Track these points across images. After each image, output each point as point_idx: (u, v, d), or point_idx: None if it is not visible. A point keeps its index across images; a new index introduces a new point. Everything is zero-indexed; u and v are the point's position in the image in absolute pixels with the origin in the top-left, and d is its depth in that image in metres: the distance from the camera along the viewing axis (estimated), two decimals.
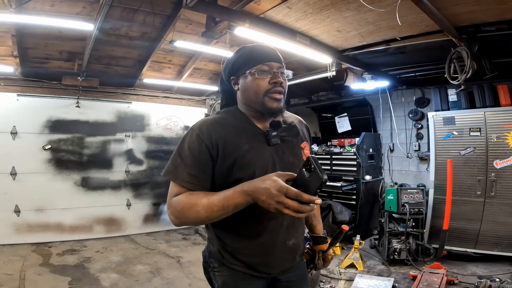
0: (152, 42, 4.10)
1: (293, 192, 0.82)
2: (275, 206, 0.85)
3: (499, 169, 3.46)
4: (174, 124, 5.59)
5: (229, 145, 1.05)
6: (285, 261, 1.17)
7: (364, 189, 4.44)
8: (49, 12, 3.15)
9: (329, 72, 3.86)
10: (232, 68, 1.14)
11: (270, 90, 1.07)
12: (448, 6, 2.52)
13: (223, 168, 1.04)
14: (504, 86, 3.57)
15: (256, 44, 1.16)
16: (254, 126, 1.13)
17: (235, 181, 1.01)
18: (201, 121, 1.11)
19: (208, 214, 0.95)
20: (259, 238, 1.09)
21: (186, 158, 1.03)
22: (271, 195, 0.84)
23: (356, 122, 5.32)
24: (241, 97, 1.14)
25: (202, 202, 0.96)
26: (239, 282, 1.13)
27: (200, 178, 1.03)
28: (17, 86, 4.34)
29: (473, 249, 3.57)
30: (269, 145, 1.10)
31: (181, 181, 1.02)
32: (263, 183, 0.87)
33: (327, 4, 2.70)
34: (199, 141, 1.03)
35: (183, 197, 1.01)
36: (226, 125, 1.09)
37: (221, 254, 1.14)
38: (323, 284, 3.20)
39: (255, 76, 1.07)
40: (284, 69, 1.12)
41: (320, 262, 1.31)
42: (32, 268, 3.51)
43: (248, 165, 1.05)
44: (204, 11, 2.73)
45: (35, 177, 4.41)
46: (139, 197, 5.21)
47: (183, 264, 3.79)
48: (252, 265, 1.12)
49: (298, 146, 1.19)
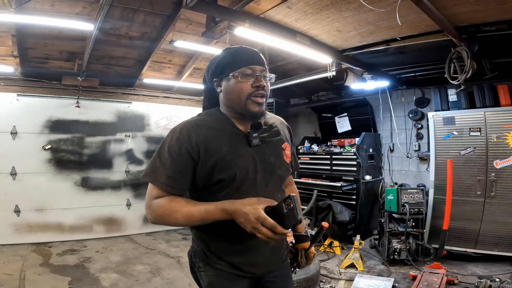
0: (152, 42, 4.10)
1: (269, 223, 0.90)
2: (251, 230, 0.92)
3: (499, 169, 3.46)
4: (174, 124, 5.37)
5: (210, 147, 1.06)
6: (269, 261, 1.19)
7: (364, 189, 4.44)
8: (49, 12, 3.15)
9: (329, 72, 3.86)
10: (215, 69, 1.14)
11: (253, 93, 1.08)
12: (448, 6, 2.52)
13: (205, 169, 1.05)
14: (504, 86, 3.57)
15: (240, 46, 1.15)
16: (235, 127, 1.14)
17: (217, 182, 1.05)
18: (182, 123, 1.11)
19: (187, 222, 1.02)
20: (242, 238, 1.09)
21: (165, 160, 1.05)
22: (249, 221, 0.91)
23: (356, 122, 5.32)
24: (224, 99, 1.14)
25: (183, 211, 1.00)
26: (225, 282, 1.14)
27: (178, 181, 1.05)
28: (17, 86, 4.34)
29: (473, 249, 3.57)
30: (250, 146, 1.12)
31: (159, 183, 1.04)
32: (244, 208, 0.92)
33: (327, 4, 2.70)
34: (179, 144, 1.05)
35: (163, 202, 1.03)
36: (207, 127, 1.10)
37: (206, 254, 1.15)
38: (323, 284, 3.20)
39: (238, 79, 1.08)
40: (267, 72, 1.13)
41: (303, 260, 1.33)
42: (32, 268, 3.51)
43: (229, 166, 1.06)
44: (204, 11, 2.73)
45: (35, 177, 4.41)
46: (139, 197, 5.20)
47: (183, 264, 3.79)
48: (236, 265, 1.13)
49: (279, 147, 1.20)
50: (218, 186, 1.07)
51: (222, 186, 1.07)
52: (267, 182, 1.14)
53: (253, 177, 1.10)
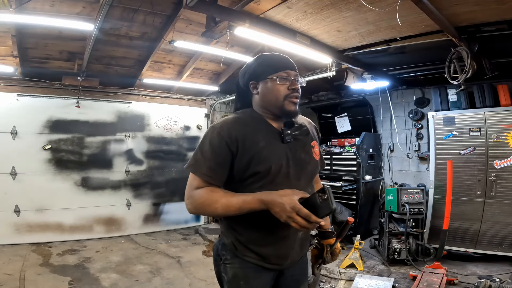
0: (152, 42, 4.10)
1: (304, 212, 0.96)
2: (285, 219, 0.98)
3: (499, 169, 3.46)
4: (174, 124, 5.59)
5: (247, 141, 1.15)
6: (294, 252, 1.25)
7: (364, 189, 4.44)
8: (49, 12, 3.15)
9: (329, 72, 3.86)
10: (253, 73, 1.24)
11: (289, 95, 1.20)
12: (448, 6, 2.52)
13: (242, 162, 1.14)
14: (504, 86, 3.57)
15: (274, 53, 1.28)
16: (270, 125, 1.24)
17: (253, 174, 1.14)
18: (222, 120, 1.21)
19: (225, 212, 1.09)
20: (273, 229, 1.16)
21: (206, 153, 1.14)
22: (284, 210, 0.98)
23: (356, 122, 5.32)
24: (260, 100, 1.24)
25: (222, 201, 1.08)
26: (250, 274, 1.20)
27: (218, 172, 1.14)
28: (17, 86, 4.34)
29: (473, 249, 3.57)
30: (283, 142, 1.21)
31: (201, 173, 1.13)
32: (280, 198, 0.99)
33: (327, 4, 2.70)
34: (219, 138, 1.13)
35: (204, 192, 1.12)
36: (245, 124, 1.20)
37: (235, 245, 1.21)
38: (323, 284, 3.20)
39: (276, 82, 1.19)
40: (299, 77, 1.25)
41: (329, 256, 1.38)
42: (32, 268, 3.51)
43: (265, 159, 1.15)
44: (204, 11, 2.73)
45: (35, 177, 4.41)
46: (139, 197, 5.21)
47: (183, 264, 3.79)
48: (264, 256, 1.20)
49: (308, 145, 1.30)
50: (253, 178, 1.14)
51: (257, 178, 1.14)
52: (299, 177, 1.22)
53: (286, 171, 1.18)
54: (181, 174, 5.49)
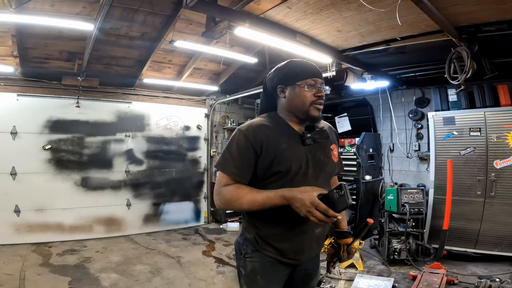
0: (152, 42, 4.10)
1: (322, 207, 1.04)
2: (305, 213, 1.06)
3: (499, 169, 3.46)
4: (174, 124, 5.59)
5: (270, 143, 1.23)
6: (311, 248, 1.33)
7: (364, 189, 4.44)
8: (49, 12, 3.15)
9: (329, 72, 3.85)
10: (282, 78, 1.31)
11: (315, 101, 1.27)
12: (448, 6, 2.52)
13: (265, 162, 1.22)
14: (504, 86, 3.57)
15: (303, 60, 1.35)
16: (291, 128, 1.32)
17: (274, 173, 1.22)
18: (248, 123, 1.30)
19: (250, 207, 1.18)
20: (291, 225, 1.24)
21: (234, 153, 1.23)
22: (304, 205, 1.06)
23: (356, 122, 5.32)
24: (286, 104, 1.32)
25: (247, 197, 1.17)
26: (268, 267, 1.29)
27: (244, 171, 1.23)
28: (17, 86, 4.34)
29: (473, 249, 3.57)
30: (303, 144, 1.29)
31: (229, 172, 1.22)
32: (301, 194, 1.07)
33: (327, 4, 2.70)
34: (245, 140, 1.22)
35: (232, 189, 1.21)
36: (269, 127, 1.28)
37: (256, 240, 1.29)
38: (323, 284, 3.19)
39: (304, 88, 1.27)
40: (324, 85, 1.33)
41: (345, 255, 1.43)
42: (32, 268, 3.51)
43: (286, 160, 1.23)
44: (204, 11, 2.73)
45: (35, 177, 4.41)
46: (139, 197, 5.21)
47: (183, 264, 3.79)
48: (282, 250, 1.27)
49: (328, 147, 1.38)
50: (274, 177, 1.23)
51: (278, 177, 1.23)
52: (317, 177, 1.29)
53: (305, 171, 1.26)
54: (181, 174, 5.47)
